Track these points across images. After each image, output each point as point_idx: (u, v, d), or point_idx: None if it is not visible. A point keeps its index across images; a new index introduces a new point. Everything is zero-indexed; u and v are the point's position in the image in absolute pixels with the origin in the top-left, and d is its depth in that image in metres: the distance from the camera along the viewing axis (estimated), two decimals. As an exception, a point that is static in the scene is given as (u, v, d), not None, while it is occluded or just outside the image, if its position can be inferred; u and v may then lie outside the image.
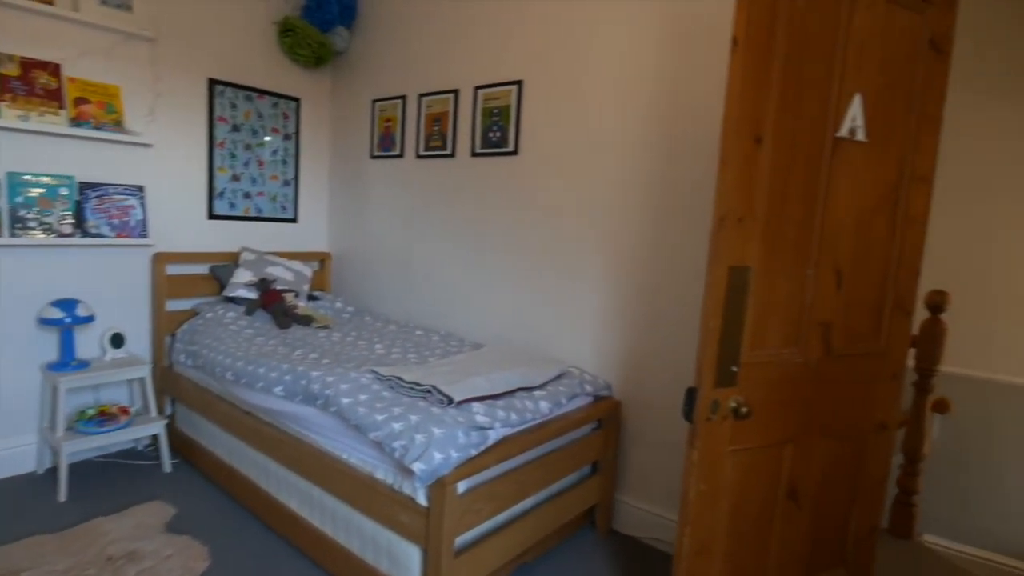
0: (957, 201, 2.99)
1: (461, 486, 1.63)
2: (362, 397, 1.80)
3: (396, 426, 1.64)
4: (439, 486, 1.57)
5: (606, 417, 2.28)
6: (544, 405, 1.94)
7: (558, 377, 2.14)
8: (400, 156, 3.29)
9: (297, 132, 3.61)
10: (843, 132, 1.44)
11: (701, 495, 1.45)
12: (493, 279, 2.91)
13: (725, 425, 1.43)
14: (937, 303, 2.29)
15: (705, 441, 1.42)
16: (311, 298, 3.25)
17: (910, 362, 2.74)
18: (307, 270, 3.31)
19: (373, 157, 3.47)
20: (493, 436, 1.70)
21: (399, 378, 1.85)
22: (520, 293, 2.80)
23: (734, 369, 1.40)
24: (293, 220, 3.68)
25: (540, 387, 2.03)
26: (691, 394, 1.42)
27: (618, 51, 2.45)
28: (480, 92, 2.80)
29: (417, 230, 3.28)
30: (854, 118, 1.45)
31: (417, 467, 1.53)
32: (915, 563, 2.33)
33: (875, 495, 1.75)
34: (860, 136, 1.47)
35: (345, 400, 1.80)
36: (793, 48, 1.36)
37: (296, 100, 3.58)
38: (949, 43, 1.60)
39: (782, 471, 1.57)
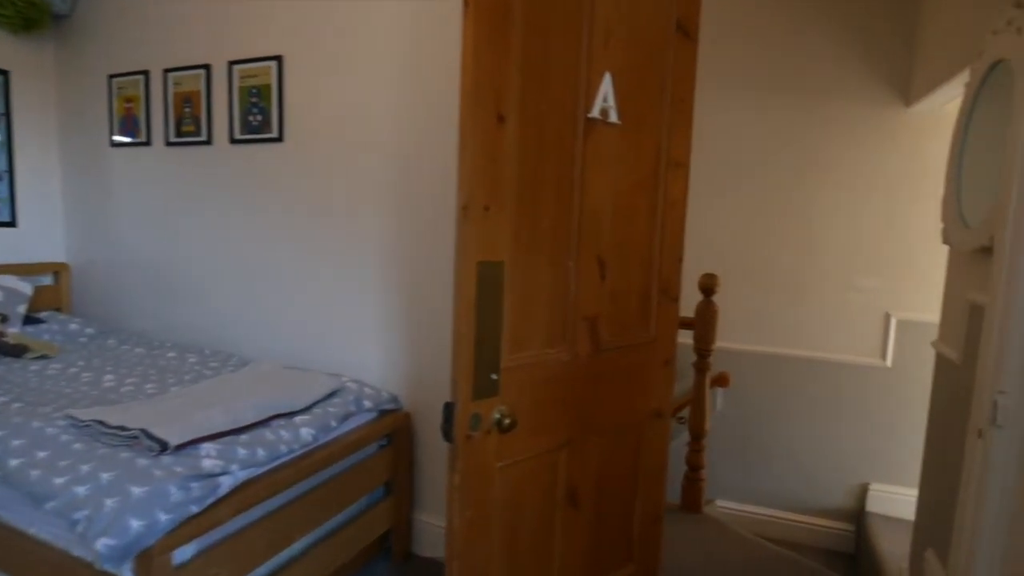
0: (717, 185, 3.25)
1: (182, 553, 1.29)
2: (40, 455, 1.36)
3: (80, 490, 1.25)
4: (144, 560, 1.22)
5: (395, 432, 2.05)
6: (307, 432, 1.65)
7: (330, 395, 1.86)
8: (147, 144, 2.74)
9: (7, 113, 2.86)
10: (595, 112, 1.35)
11: (469, 523, 1.28)
12: (269, 284, 2.53)
13: (490, 440, 1.27)
14: (709, 286, 2.41)
15: (468, 461, 1.25)
16: (30, 321, 2.58)
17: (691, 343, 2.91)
18: (25, 286, 2.62)
19: (114, 145, 2.85)
20: (228, 483, 1.38)
21: (101, 422, 1.44)
22: (299, 299, 2.46)
23: (494, 377, 1.25)
24: (10, 224, 2.92)
25: (304, 410, 1.73)
26: (448, 410, 1.24)
27: (386, 26, 2.21)
28: (236, 68, 2.39)
29: (174, 231, 2.76)
30: (605, 98, 1.36)
31: (102, 544, 1.16)
32: (701, 534, 2.44)
33: (656, 484, 1.73)
34: (613, 118, 1.39)
35: (14, 461, 1.35)
36: (534, 15, 1.23)
37: (3, 73, 2.83)
38: (695, 27, 1.60)
39: (559, 478, 1.46)
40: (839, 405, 3.03)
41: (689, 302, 2.48)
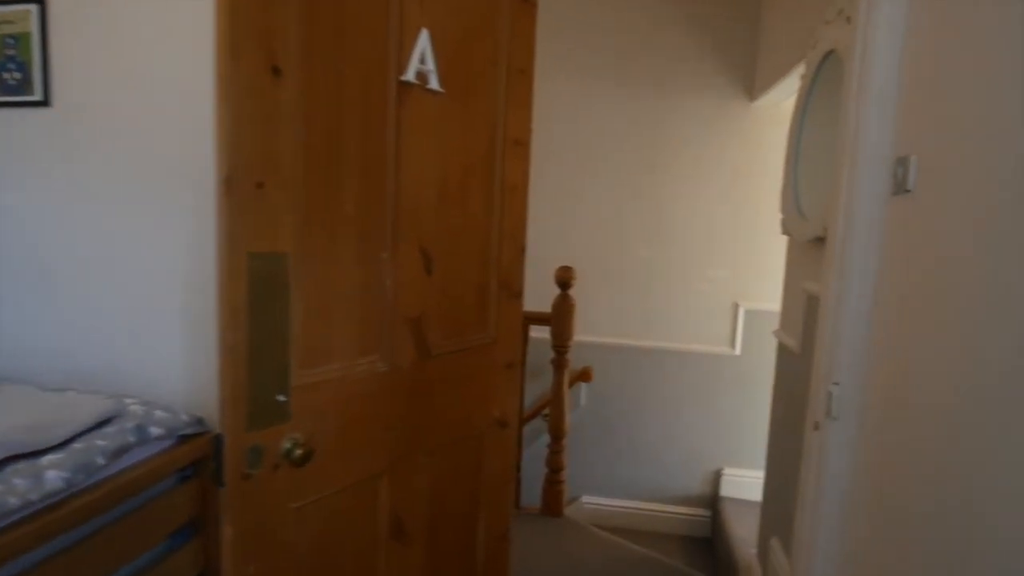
0: (573, 176, 3.19)
1: None
2: None
3: None
4: None
5: (200, 461, 1.71)
6: (55, 477, 1.28)
7: (100, 424, 1.48)
8: None
9: None
10: (410, 76, 1.13)
11: (253, 582, 1.02)
12: (31, 283, 2.04)
13: (279, 477, 1.02)
14: (565, 279, 2.30)
15: (248, 507, 0.99)
16: None
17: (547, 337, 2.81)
18: None
19: None
20: (-94, 562, 0.99)
21: None
22: (77, 303, 2.01)
23: (281, 399, 0.99)
24: None
25: (58, 447, 1.35)
26: (217, 445, 0.96)
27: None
28: (-17, 11, 1.88)
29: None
30: (423, 58, 1.15)
31: None
32: (561, 539, 2.34)
33: (501, 499, 1.57)
34: (434, 84, 1.18)
35: None
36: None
37: None
38: (533, -9, 1.44)
39: (380, 510, 1.23)
40: (694, 394, 3.09)
41: (546, 297, 2.36)
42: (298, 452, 1.00)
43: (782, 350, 2.05)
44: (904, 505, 1.10)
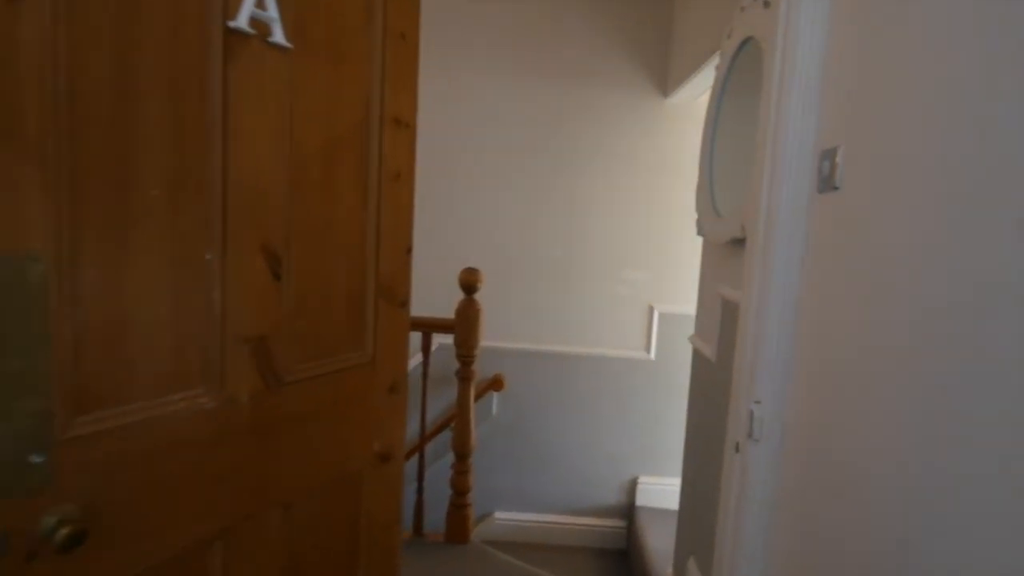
0: (480, 173, 3.00)
1: None
2: None
3: None
4: None
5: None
6: None
7: None
8: None
9: None
10: (241, 22, 0.86)
11: None
12: None
13: (38, 570, 0.73)
14: (470, 282, 2.08)
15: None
16: None
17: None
18: None
19: None
20: None
21: None
22: None
23: (37, 459, 0.71)
24: None
25: None
26: (-73, 534, 0.66)
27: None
28: None
29: None
30: (261, 1, 0.89)
31: None
32: (465, 570, 2.12)
33: (387, 548, 1.32)
34: (279, 37, 0.92)
35: None
36: None
37: None
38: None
39: (212, 586, 0.96)
40: (609, 400, 2.97)
41: (451, 302, 2.14)
42: (64, 532, 0.72)
43: (697, 357, 1.93)
44: (836, 535, 0.96)
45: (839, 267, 1.04)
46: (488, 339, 2.94)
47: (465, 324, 2.03)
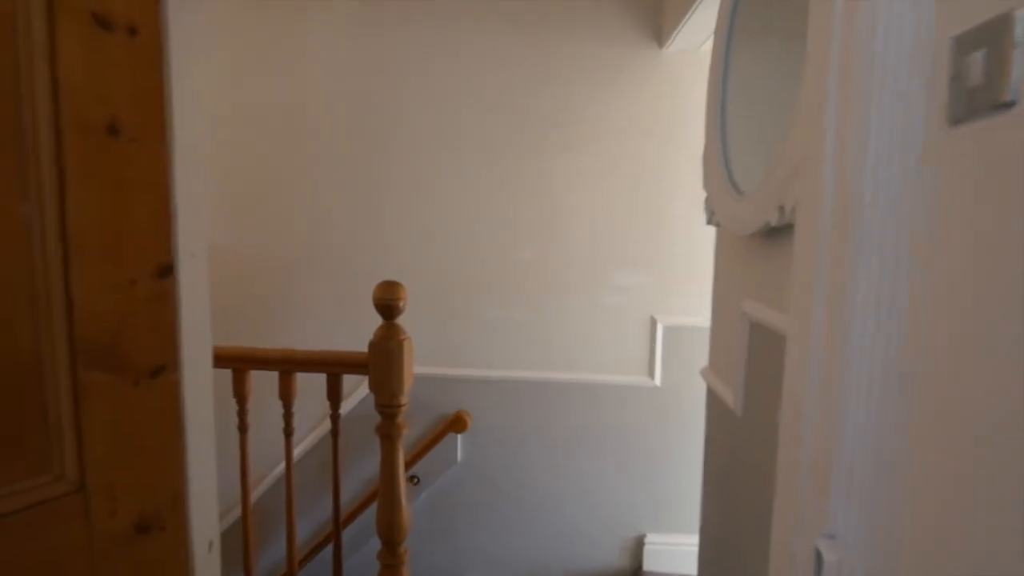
0: (412, 162, 2.38)
1: None
2: None
3: None
4: None
5: None
6: None
7: None
8: None
9: None
10: None
11: None
12: None
13: None
14: (390, 300, 1.49)
15: None
16: None
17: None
18: None
19: None
20: None
21: None
22: None
23: None
24: None
25: None
26: None
27: None
28: None
29: None
30: None
31: None
32: None
33: None
34: None
35: None
36: None
37: None
38: None
39: None
40: (605, 438, 2.36)
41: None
42: None
43: (714, 402, 1.33)
44: None
45: (1008, 266, 0.44)
46: (447, 366, 2.36)
47: (382, 361, 1.44)
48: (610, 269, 2.29)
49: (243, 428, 1.60)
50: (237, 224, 2.43)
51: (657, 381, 2.30)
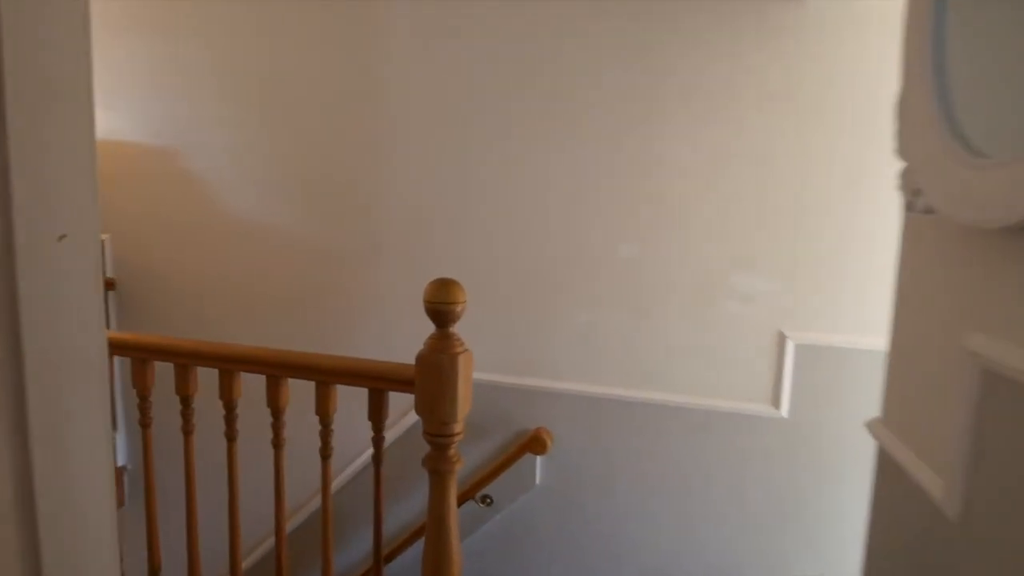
0: (497, 138, 2.01)
1: None
2: None
3: None
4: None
5: None
6: None
7: None
8: None
9: None
10: None
11: None
12: None
13: None
14: (443, 306, 1.18)
15: None
16: None
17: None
18: None
19: None
20: None
21: None
22: None
23: None
24: None
25: None
26: None
27: None
28: None
29: None
30: None
31: None
32: None
33: None
34: None
35: None
36: None
37: None
38: None
39: None
40: (712, 475, 1.94)
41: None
42: None
43: (897, 478, 0.89)
44: None
45: None
46: (528, 376, 2.04)
47: (431, 378, 1.14)
48: (728, 270, 1.85)
49: (278, 444, 1.37)
50: (300, 211, 2.26)
51: (784, 412, 1.84)
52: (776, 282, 1.82)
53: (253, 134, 2.29)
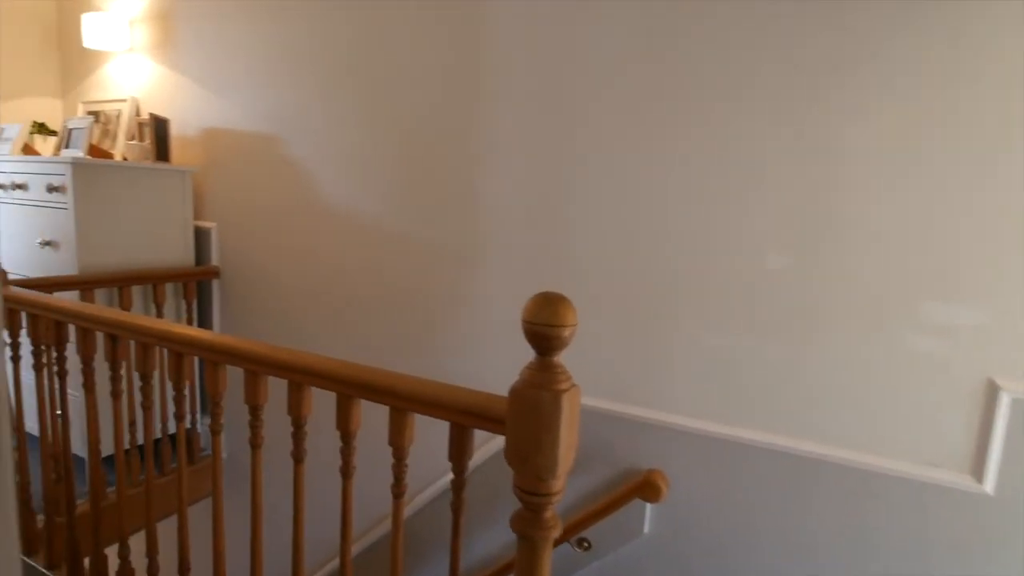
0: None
1: None
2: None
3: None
4: None
5: None
6: None
7: None
8: None
9: None
10: None
11: None
12: None
13: None
14: (549, 327, 0.91)
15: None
16: None
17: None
18: None
19: None
20: None
21: None
22: None
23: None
24: None
25: None
26: None
27: None
28: None
29: None
30: None
31: None
32: None
33: None
34: None
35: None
36: None
37: None
38: None
39: None
40: (879, 556, 1.52)
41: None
42: None
43: None
44: None
45: None
46: (639, 406, 1.72)
47: (526, 419, 0.88)
48: (919, 292, 1.43)
49: (346, 472, 1.18)
50: (394, 205, 2.09)
51: (988, 487, 1.38)
52: (987, 313, 1.37)
53: (353, 124, 2.16)
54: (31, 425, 1.83)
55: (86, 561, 1.72)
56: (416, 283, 2.09)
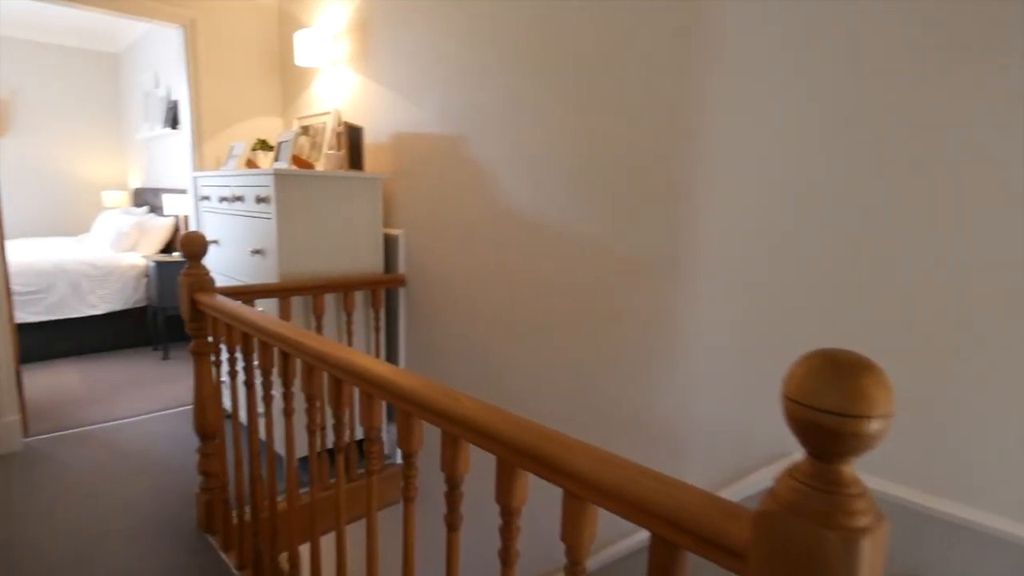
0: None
1: None
2: None
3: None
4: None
5: None
6: None
7: None
8: None
9: None
10: None
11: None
12: None
13: None
14: (843, 422, 0.53)
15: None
16: None
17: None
18: None
19: None
20: None
21: None
22: None
23: None
24: None
25: None
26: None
27: None
28: None
29: None
30: None
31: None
32: None
33: None
34: None
35: None
36: None
37: None
38: None
39: None
40: None
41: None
42: None
43: None
44: None
45: None
46: (948, 500, 1.20)
47: (792, 570, 0.51)
48: None
49: (507, 559, 0.90)
50: (580, 209, 1.78)
51: None
52: None
53: (547, 124, 1.92)
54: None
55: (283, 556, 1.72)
56: (615, 301, 1.77)
